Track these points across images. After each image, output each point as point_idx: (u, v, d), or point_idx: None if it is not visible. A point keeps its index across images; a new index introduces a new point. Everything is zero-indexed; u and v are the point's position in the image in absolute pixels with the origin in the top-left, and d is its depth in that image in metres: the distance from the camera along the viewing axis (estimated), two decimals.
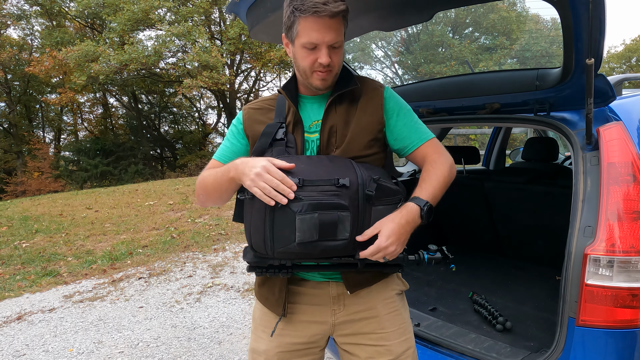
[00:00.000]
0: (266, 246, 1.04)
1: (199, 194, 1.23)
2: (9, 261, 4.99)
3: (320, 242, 1.02)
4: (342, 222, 1.03)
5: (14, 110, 20.09)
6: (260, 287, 1.30)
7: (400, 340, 1.27)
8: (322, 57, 1.10)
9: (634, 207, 1.31)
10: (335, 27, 1.09)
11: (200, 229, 6.09)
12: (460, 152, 3.24)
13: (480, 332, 1.94)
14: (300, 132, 1.20)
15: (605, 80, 1.42)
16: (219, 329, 3.18)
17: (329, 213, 1.01)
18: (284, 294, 1.22)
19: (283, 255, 1.07)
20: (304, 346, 1.27)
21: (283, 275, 1.13)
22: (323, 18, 1.06)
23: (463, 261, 3.09)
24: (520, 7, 20.48)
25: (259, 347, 1.28)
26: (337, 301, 1.25)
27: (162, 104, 22.60)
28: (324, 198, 1.01)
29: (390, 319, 1.27)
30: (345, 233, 1.04)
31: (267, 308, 1.28)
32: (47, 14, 18.39)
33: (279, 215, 1.00)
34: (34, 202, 9.09)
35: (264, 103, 1.29)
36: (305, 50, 1.11)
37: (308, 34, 1.08)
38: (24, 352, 2.95)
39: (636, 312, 1.29)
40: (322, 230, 1.01)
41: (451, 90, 2.09)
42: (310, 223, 0.99)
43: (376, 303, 1.26)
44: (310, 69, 1.14)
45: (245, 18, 1.72)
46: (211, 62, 13.99)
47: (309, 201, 1.00)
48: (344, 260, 1.13)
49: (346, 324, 1.26)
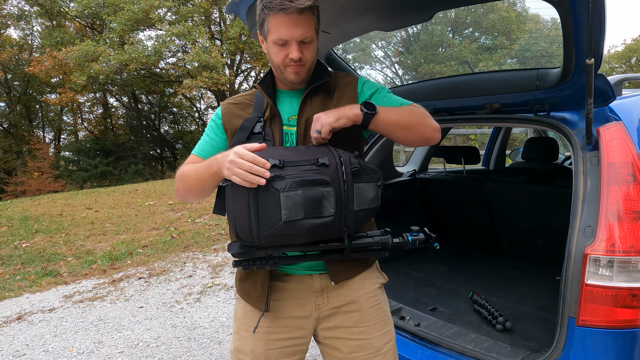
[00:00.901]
0: (252, 232, 1.02)
1: (179, 188, 1.22)
2: (9, 261, 4.99)
3: (307, 219, 1.01)
4: (327, 199, 1.03)
5: (14, 110, 20.09)
6: (242, 282, 1.29)
7: (381, 333, 1.30)
8: (292, 52, 1.13)
9: (634, 207, 1.31)
10: (304, 22, 1.11)
11: (200, 229, 6.09)
12: (460, 152, 3.24)
13: (480, 332, 1.94)
14: (278, 126, 1.22)
15: (605, 80, 1.42)
16: (219, 329, 3.18)
17: (312, 189, 1.01)
18: (267, 289, 1.22)
19: (270, 241, 1.05)
20: (292, 342, 1.27)
21: (270, 267, 1.12)
22: (291, 14, 1.08)
23: (463, 261, 3.09)
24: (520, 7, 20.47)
25: (245, 346, 1.27)
26: (321, 295, 1.26)
27: (162, 104, 22.60)
28: (307, 175, 1.02)
29: (372, 313, 1.30)
30: (331, 209, 1.04)
31: (249, 304, 1.27)
32: (47, 14, 18.39)
33: (262, 196, 1.00)
34: (34, 202, 9.09)
35: (242, 98, 1.31)
36: (276, 46, 1.14)
37: (278, 30, 1.11)
38: (24, 352, 2.95)
39: (636, 312, 1.29)
40: (307, 207, 1.01)
41: (451, 90, 2.09)
42: (296, 199, 0.99)
43: (359, 297, 1.29)
44: (283, 64, 1.16)
45: (245, 18, 1.72)
46: (211, 62, 13.98)
47: (292, 179, 1.00)
48: (330, 246, 1.12)
49: (329, 318, 1.28)
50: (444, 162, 3.41)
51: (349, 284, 1.28)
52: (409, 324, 1.93)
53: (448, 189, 3.22)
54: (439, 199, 3.34)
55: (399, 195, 3.06)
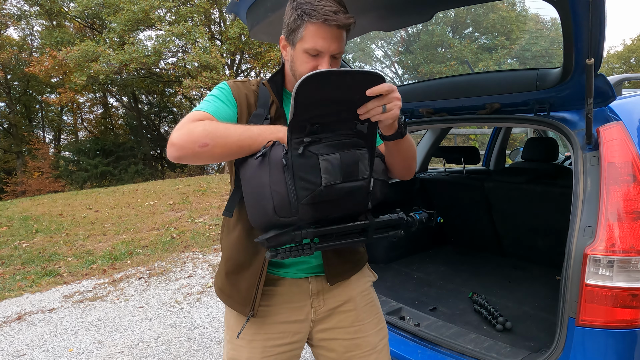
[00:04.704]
0: (290, 203, 0.98)
1: (206, 144, 1.02)
2: (9, 261, 4.99)
3: (345, 183, 1.00)
4: (362, 161, 1.03)
5: (14, 110, 20.09)
6: (223, 284, 1.25)
7: (376, 330, 1.31)
8: (322, 65, 1.09)
9: (634, 207, 1.31)
10: (341, 37, 1.10)
11: (200, 229, 6.09)
12: (460, 152, 3.24)
13: (480, 332, 1.94)
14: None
15: (605, 80, 1.42)
16: (219, 328, 3.18)
17: (349, 152, 1.00)
18: (254, 292, 1.17)
19: (307, 212, 1.01)
20: (289, 347, 1.25)
21: (307, 254, 1.07)
22: (332, 27, 1.06)
23: (463, 261, 3.09)
24: (520, 7, 20.48)
25: (240, 356, 1.23)
26: (317, 297, 1.25)
27: (162, 104, 22.60)
28: (342, 138, 1.01)
29: (367, 311, 1.31)
30: (365, 172, 1.03)
31: (230, 307, 1.23)
32: (47, 14, 18.40)
33: (300, 163, 0.97)
34: (34, 202, 9.09)
35: (245, 85, 1.24)
36: (306, 56, 1.10)
37: (314, 40, 1.07)
38: (24, 352, 2.95)
39: (636, 312, 1.29)
40: (345, 170, 1.00)
41: (451, 90, 2.09)
42: (335, 163, 0.98)
43: (354, 295, 1.29)
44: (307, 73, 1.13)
45: (245, 18, 1.72)
46: (211, 62, 13.99)
47: (329, 142, 0.99)
48: (357, 225, 1.11)
49: (325, 319, 1.27)
50: (444, 162, 3.42)
51: (344, 283, 1.28)
52: (409, 324, 1.93)
53: (448, 189, 3.22)
54: (439, 199, 3.34)
55: (399, 195, 3.06)
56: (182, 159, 1.03)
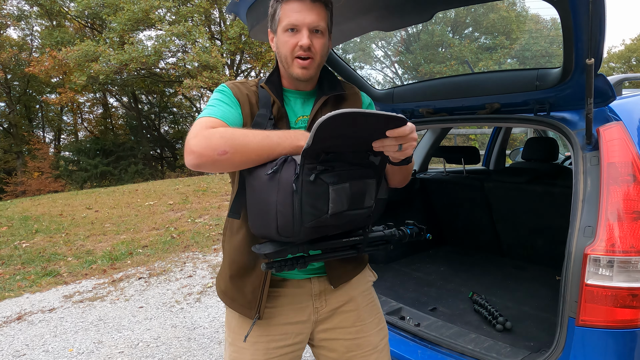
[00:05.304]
0: (294, 225, 0.98)
1: (225, 151, 0.99)
2: (9, 261, 4.99)
3: (349, 211, 1.01)
4: (369, 191, 1.04)
5: (14, 110, 20.09)
6: (227, 287, 1.23)
7: (377, 329, 1.31)
8: (302, 39, 1.09)
9: (634, 207, 1.31)
10: (317, 11, 1.10)
11: (200, 229, 6.09)
12: (460, 152, 3.24)
13: (480, 332, 1.93)
14: (285, 127, 1.19)
15: (605, 80, 1.42)
16: (219, 328, 3.18)
17: (359, 182, 1.02)
18: (259, 295, 1.17)
19: (308, 234, 1.01)
20: (291, 349, 1.25)
21: (300, 268, 1.08)
22: (304, 1, 1.09)
23: (463, 261, 3.09)
24: (520, 7, 20.50)
25: (243, 358, 1.22)
26: (319, 298, 1.25)
27: (162, 104, 22.61)
28: (354, 168, 1.02)
29: (368, 310, 1.31)
30: (371, 201, 1.05)
31: (234, 310, 1.22)
32: (47, 14, 18.40)
33: (310, 189, 0.96)
34: (34, 202, 9.09)
35: (245, 86, 1.23)
36: (286, 35, 1.11)
37: (289, 15, 1.10)
38: (24, 352, 2.95)
39: (636, 312, 1.29)
40: (352, 199, 1.01)
41: (451, 90, 2.09)
42: (343, 193, 0.99)
43: (356, 295, 1.29)
44: (292, 54, 1.12)
45: (245, 18, 1.72)
46: (211, 62, 14.00)
47: (340, 171, 0.99)
48: (352, 241, 1.12)
49: (327, 320, 1.27)
50: (444, 162, 3.42)
51: (345, 284, 1.28)
52: (409, 324, 1.93)
53: (448, 189, 3.21)
54: (439, 199, 3.34)
55: (399, 196, 3.06)
56: (201, 167, 1.01)
